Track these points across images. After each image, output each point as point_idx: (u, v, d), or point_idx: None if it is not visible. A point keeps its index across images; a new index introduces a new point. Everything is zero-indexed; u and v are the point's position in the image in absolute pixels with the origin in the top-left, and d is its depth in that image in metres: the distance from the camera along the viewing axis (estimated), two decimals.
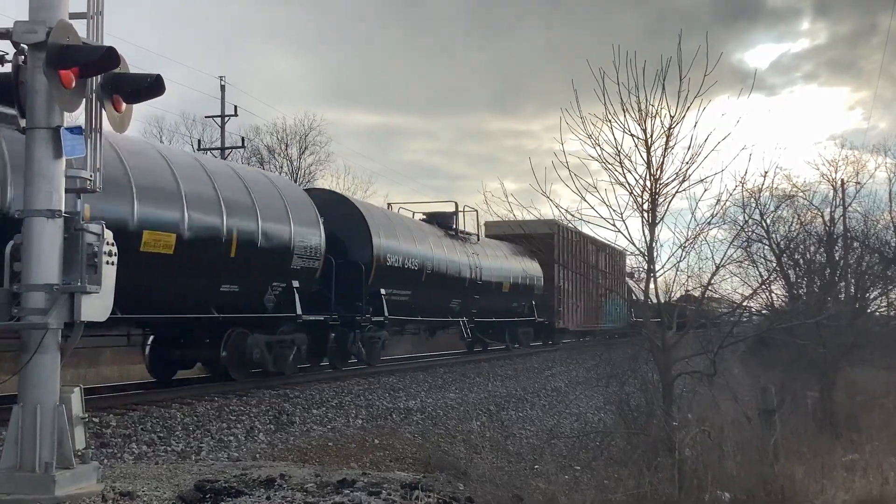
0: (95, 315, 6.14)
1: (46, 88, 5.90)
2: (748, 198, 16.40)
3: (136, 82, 6.45)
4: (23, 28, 5.92)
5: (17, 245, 6.05)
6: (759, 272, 22.00)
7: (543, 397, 23.17)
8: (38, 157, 5.97)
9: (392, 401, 17.54)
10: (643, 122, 13.25)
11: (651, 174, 13.38)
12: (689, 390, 15.45)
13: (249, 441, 12.26)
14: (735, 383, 16.50)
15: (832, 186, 30.96)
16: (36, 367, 5.92)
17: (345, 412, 15.48)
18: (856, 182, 31.73)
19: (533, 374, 26.60)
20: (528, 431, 18.81)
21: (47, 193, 5.95)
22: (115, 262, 6.29)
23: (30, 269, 5.92)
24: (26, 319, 5.89)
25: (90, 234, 6.11)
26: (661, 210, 13.67)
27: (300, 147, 50.93)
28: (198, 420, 12.72)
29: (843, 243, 27.84)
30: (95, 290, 6.05)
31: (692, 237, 14.27)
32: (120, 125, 6.54)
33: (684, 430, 11.60)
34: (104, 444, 10.56)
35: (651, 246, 13.69)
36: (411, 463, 13.30)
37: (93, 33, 6.28)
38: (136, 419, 12.10)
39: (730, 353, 15.80)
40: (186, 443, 11.47)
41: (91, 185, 6.34)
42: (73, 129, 6.03)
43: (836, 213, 28.06)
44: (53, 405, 5.95)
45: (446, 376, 22.41)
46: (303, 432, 13.49)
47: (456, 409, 18.43)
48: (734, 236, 15.95)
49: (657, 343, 13.75)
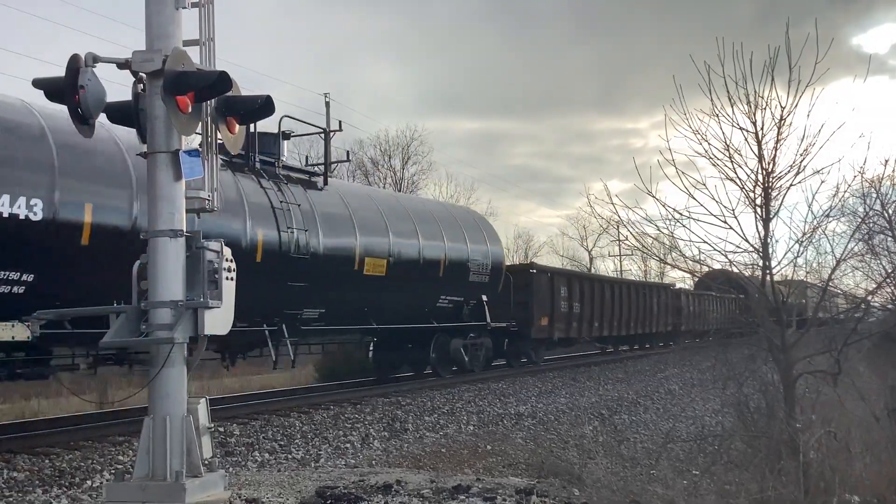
0: (217, 329, 6.37)
1: (165, 114, 6.17)
2: (868, 188, 15.65)
3: (248, 104, 6.68)
4: (141, 57, 6.22)
5: (142, 264, 6.35)
6: (882, 265, 20.92)
7: (657, 400, 22.70)
8: (160, 180, 6.25)
9: (502, 406, 17.54)
10: (753, 115, 12.83)
11: (763, 168, 12.94)
12: (813, 391, 14.83)
13: (365, 448, 12.48)
14: (861, 382, 15.73)
15: None
16: (164, 380, 6.18)
17: (456, 418, 15.57)
18: None
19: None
20: (643, 435, 18.47)
21: (169, 214, 6.22)
22: (234, 278, 6.51)
23: (156, 287, 6.20)
24: (154, 335, 6.16)
25: (210, 251, 6.35)
26: (776, 205, 13.21)
27: (403, 158, 51.67)
28: (315, 428, 13.04)
29: None
30: (217, 304, 6.28)
31: (809, 231, 13.72)
32: (234, 146, 6.78)
33: (808, 431, 11.17)
34: (229, 453, 10.95)
35: (766, 242, 13.24)
36: (524, 469, 13.25)
37: (205, 59, 6.54)
38: (258, 428, 12.50)
39: (854, 351, 15.05)
40: (306, 450, 11.78)
41: (209, 204, 6.60)
42: (190, 152, 6.29)
43: None
44: (181, 416, 6.19)
45: (556, 380, 22.26)
46: (416, 439, 13.64)
47: (567, 413, 18.27)
48: (855, 229, 15.24)
49: (776, 342, 13.27)
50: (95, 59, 6.04)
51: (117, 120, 6.63)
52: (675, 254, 15.49)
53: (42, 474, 9.36)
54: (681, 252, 15.06)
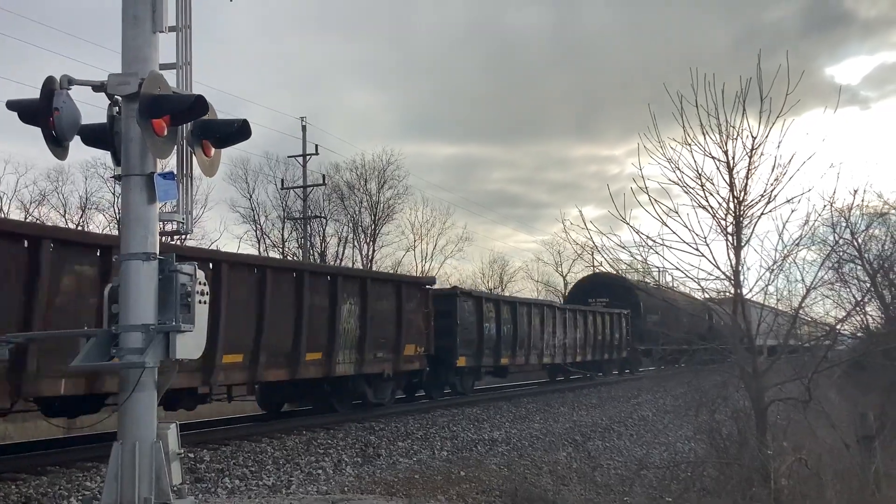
0: (189, 353, 6.32)
1: (140, 137, 6.16)
2: (838, 217, 15.91)
3: (225, 128, 6.68)
4: (116, 80, 6.21)
5: (114, 287, 6.30)
6: (852, 294, 21.17)
7: (630, 426, 22.75)
8: (134, 203, 6.22)
9: (476, 432, 17.48)
10: (724, 144, 13.05)
11: (734, 196, 13.14)
12: (784, 418, 14.95)
13: (338, 474, 12.38)
14: (831, 409, 15.89)
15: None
16: (134, 405, 6.11)
17: (430, 444, 15.50)
18: None
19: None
20: (617, 462, 18.48)
21: (143, 237, 6.19)
22: (206, 302, 6.47)
23: (127, 310, 6.14)
24: (124, 359, 6.10)
25: (183, 274, 6.32)
26: (747, 233, 13.39)
27: (379, 182, 51.78)
28: (287, 454, 12.92)
29: None
30: (189, 328, 6.24)
31: (780, 259, 13.91)
32: (210, 169, 6.77)
33: (780, 458, 11.23)
34: (199, 479, 10.81)
35: (737, 270, 13.39)
36: (498, 495, 13.22)
37: (182, 82, 6.55)
38: (229, 454, 12.36)
39: (825, 379, 15.21)
40: (277, 476, 11.66)
41: (183, 227, 6.58)
42: (165, 175, 6.28)
43: None
44: (151, 441, 6.12)
45: (530, 405, 22.24)
46: (389, 465, 13.55)
47: (541, 439, 18.24)
48: (825, 257, 15.47)
49: (748, 369, 13.39)
50: (71, 81, 6.02)
51: (92, 142, 6.59)
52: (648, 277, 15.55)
53: (8, 500, 9.19)
54: (654, 279, 15.14)
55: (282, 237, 50.16)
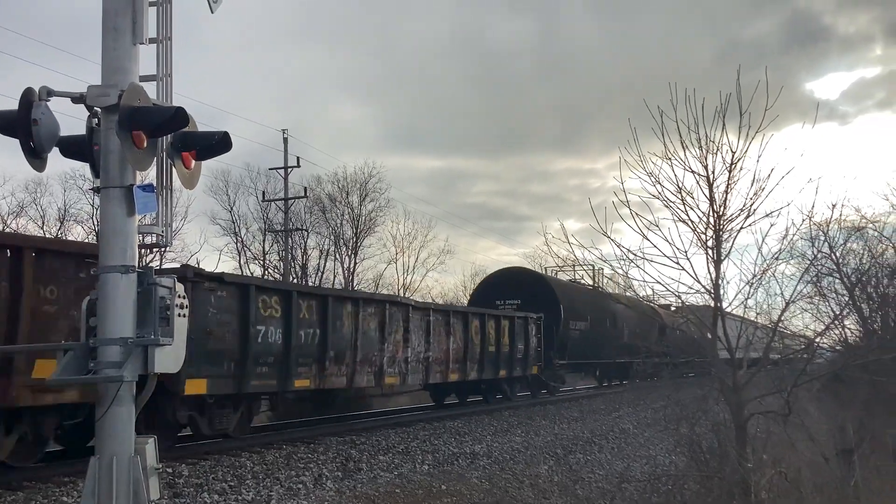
0: (168, 367, 6.25)
1: (119, 149, 6.11)
2: (816, 231, 16.05)
3: (205, 140, 6.64)
4: (96, 92, 6.16)
5: (92, 301, 6.24)
6: (830, 307, 21.34)
7: (612, 440, 22.76)
8: (113, 215, 6.16)
9: (458, 445, 17.43)
10: (704, 159, 13.14)
11: (714, 210, 13.23)
12: (764, 431, 15.02)
13: (318, 489, 12.30)
14: (811, 423, 15.98)
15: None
16: (111, 419, 6.03)
17: (411, 458, 15.44)
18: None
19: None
20: (598, 475, 18.47)
21: (122, 250, 6.13)
22: (186, 315, 6.42)
23: (105, 324, 6.07)
24: (102, 373, 6.03)
25: (162, 287, 6.26)
26: (727, 246, 13.48)
27: (361, 194, 51.75)
28: (267, 468, 12.82)
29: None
30: (168, 342, 6.17)
31: (759, 273, 14.00)
32: (189, 182, 6.73)
33: (760, 472, 11.28)
34: (177, 494, 10.71)
35: (717, 283, 13.47)
36: None
37: (162, 94, 6.51)
38: (208, 468, 12.25)
39: (804, 392, 15.30)
40: (256, 491, 11.56)
41: (163, 240, 6.53)
42: (144, 187, 6.23)
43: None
44: (129, 456, 6.05)
45: (511, 419, 22.21)
46: (370, 479, 13.48)
47: (522, 452, 18.22)
48: (803, 271, 15.58)
49: (728, 383, 13.45)
50: (49, 92, 5.98)
51: (70, 154, 6.53)
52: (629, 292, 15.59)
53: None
54: (635, 292, 15.20)
55: (263, 250, 49.97)
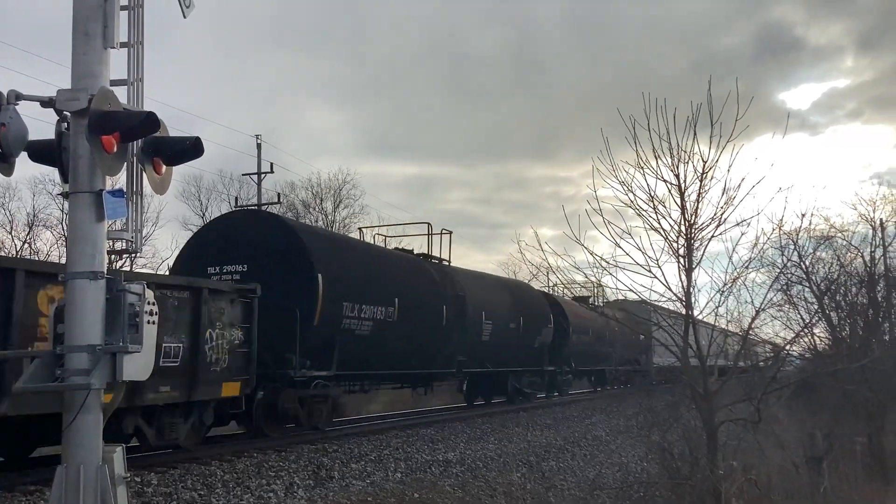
0: (137, 374, 6.18)
1: (89, 153, 6.04)
2: (786, 240, 16.24)
3: (176, 145, 6.59)
4: (66, 96, 6.09)
5: (60, 308, 6.16)
6: (800, 315, 21.60)
7: (584, 447, 22.83)
8: (81, 221, 6.09)
9: (431, 453, 17.39)
10: (676, 168, 13.26)
11: (686, 219, 13.34)
12: (734, 438, 15.13)
13: (289, 497, 12.21)
14: (781, 430, 16.14)
15: (871, 226, 30.50)
16: (79, 428, 5.96)
17: (384, 465, 15.37)
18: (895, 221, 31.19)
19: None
20: (570, 482, 18.51)
21: (90, 256, 6.05)
22: (156, 322, 6.35)
23: (73, 331, 6.00)
24: (69, 380, 5.95)
25: (132, 294, 6.19)
26: (698, 255, 13.59)
27: (335, 201, 51.63)
28: (238, 476, 12.70)
29: (886, 283, 27.31)
30: (137, 349, 6.10)
31: (730, 281, 14.13)
32: (160, 187, 6.66)
33: (730, 479, 11.36)
34: None
35: (688, 291, 13.57)
36: None
37: (133, 99, 6.45)
38: (177, 477, 12.12)
39: (774, 399, 15.44)
40: (227, 500, 11.46)
41: (132, 245, 6.46)
42: (114, 193, 6.16)
43: (875, 252, 27.59)
44: (96, 465, 5.97)
45: (485, 426, 22.21)
46: (342, 487, 13.41)
47: (495, 460, 18.21)
48: (774, 279, 15.76)
49: (699, 390, 13.54)
50: (18, 96, 5.91)
51: (39, 159, 6.45)
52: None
53: None
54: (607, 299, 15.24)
55: None
